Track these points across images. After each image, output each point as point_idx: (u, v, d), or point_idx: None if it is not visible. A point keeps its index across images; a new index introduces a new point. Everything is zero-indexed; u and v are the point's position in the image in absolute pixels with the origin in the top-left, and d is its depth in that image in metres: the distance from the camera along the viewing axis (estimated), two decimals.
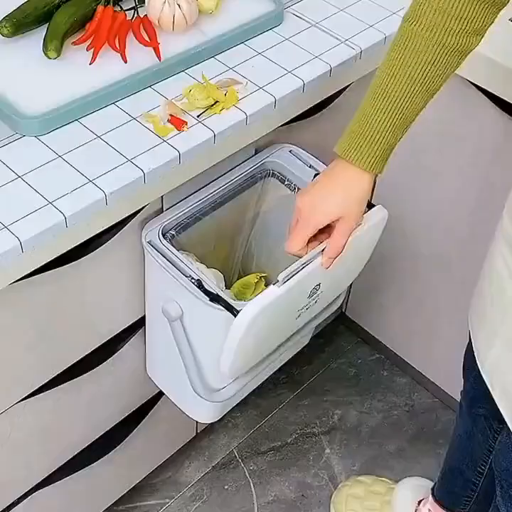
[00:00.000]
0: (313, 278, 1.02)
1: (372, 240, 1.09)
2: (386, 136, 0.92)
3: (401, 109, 0.91)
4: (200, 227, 1.10)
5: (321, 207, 0.94)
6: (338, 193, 0.94)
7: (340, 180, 0.94)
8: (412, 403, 1.81)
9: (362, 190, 0.95)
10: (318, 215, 0.94)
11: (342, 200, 0.94)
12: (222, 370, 1.01)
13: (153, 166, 0.98)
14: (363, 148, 0.92)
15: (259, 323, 0.97)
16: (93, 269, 1.06)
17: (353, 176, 0.94)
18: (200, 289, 0.99)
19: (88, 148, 0.99)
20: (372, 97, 0.92)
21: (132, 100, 1.06)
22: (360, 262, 1.13)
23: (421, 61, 0.88)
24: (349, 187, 0.94)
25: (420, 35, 0.87)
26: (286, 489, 1.66)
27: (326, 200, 0.94)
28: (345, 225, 0.95)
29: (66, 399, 1.18)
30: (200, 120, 1.04)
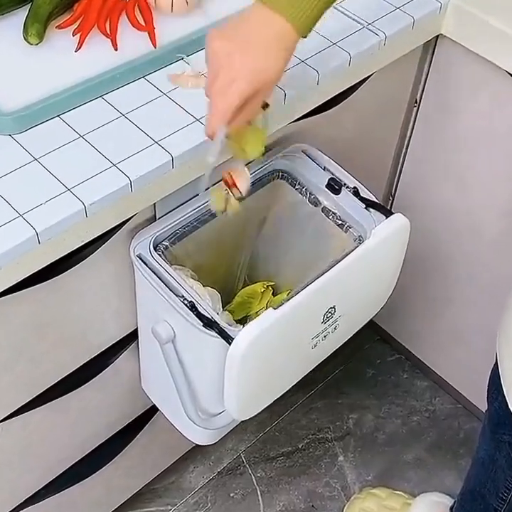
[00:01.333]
0: (322, 299, 0.90)
1: (394, 253, 0.97)
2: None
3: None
4: (198, 236, 0.98)
5: (248, 55, 0.75)
6: (252, 39, 0.76)
7: (267, 29, 0.76)
8: (432, 408, 1.70)
9: (282, 43, 0.77)
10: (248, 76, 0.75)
11: (257, 48, 0.75)
12: (228, 408, 0.90)
13: (141, 173, 0.86)
14: (298, 3, 0.75)
15: (258, 352, 0.86)
16: (76, 284, 0.95)
17: (281, 29, 0.76)
18: (193, 312, 0.88)
19: (69, 149, 0.87)
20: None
21: (122, 93, 0.94)
22: (385, 279, 1.01)
23: None
24: (277, 40, 0.76)
25: None
26: (296, 499, 1.57)
27: (249, 49, 0.75)
28: (241, 82, 0.75)
29: (52, 416, 1.08)
30: (198, 118, 0.92)
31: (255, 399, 0.94)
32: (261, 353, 0.86)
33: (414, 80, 1.24)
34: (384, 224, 0.93)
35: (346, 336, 1.02)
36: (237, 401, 0.90)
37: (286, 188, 1.04)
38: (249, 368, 0.86)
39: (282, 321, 0.86)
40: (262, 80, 0.76)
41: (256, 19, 0.77)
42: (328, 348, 1.00)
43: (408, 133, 1.32)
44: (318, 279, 0.87)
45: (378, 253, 0.93)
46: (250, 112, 0.79)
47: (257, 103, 0.79)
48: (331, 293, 0.90)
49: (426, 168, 1.34)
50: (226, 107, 0.76)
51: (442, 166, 1.32)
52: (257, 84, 0.76)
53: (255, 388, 0.91)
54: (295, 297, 0.86)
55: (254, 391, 0.91)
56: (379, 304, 1.05)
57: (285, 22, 0.76)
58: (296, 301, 0.86)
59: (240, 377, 0.86)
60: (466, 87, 1.19)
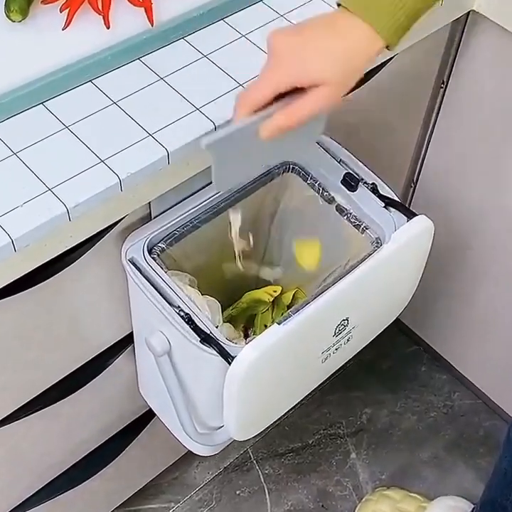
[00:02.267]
0: (334, 312, 0.81)
1: (415, 258, 0.88)
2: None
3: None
4: (199, 236, 0.89)
5: (311, 57, 0.67)
6: (338, 47, 0.68)
7: (343, 33, 0.68)
8: (451, 404, 1.62)
9: (364, 59, 0.69)
10: (301, 66, 0.67)
11: (340, 57, 0.67)
12: (228, 428, 0.82)
13: (133, 170, 0.76)
14: (382, 3, 0.67)
15: (261, 372, 0.77)
16: (64, 290, 0.86)
17: (359, 35, 0.68)
18: (190, 325, 0.79)
19: (52, 142, 0.78)
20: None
21: (114, 77, 0.84)
22: (404, 286, 0.91)
23: None
24: (353, 47, 0.68)
25: None
26: (305, 498, 1.50)
27: (319, 51, 0.67)
28: (328, 95, 0.68)
29: (43, 424, 1.01)
30: (198, 107, 0.82)
31: (257, 419, 0.86)
32: (264, 373, 0.78)
33: (441, 61, 1.13)
34: (405, 227, 0.84)
35: (360, 346, 0.93)
36: (237, 422, 0.81)
37: (298, 182, 0.94)
38: (251, 389, 0.78)
39: (288, 338, 0.77)
40: (309, 80, 0.67)
41: (335, 25, 0.69)
42: (340, 360, 0.91)
43: (432, 119, 1.21)
44: (329, 290, 0.78)
45: (398, 259, 0.84)
46: (295, 111, 0.68)
47: (304, 104, 0.68)
48: (344, 304, 0.81)
49: (452, 159, 1.25)
50: (254, 92, 0.69)
51: (471, 156, 1.21)
52: (299, 81, 0.67)
53: (257, 409, 0.83)
54: (303, 311, 0.77)
55: (256, 412, 0.83)
56: (396, 311, 0.95)
57: (373, 31, 0.68)
58: (304, 315, 0.77)
59: (240, 398, 0.78)
60: (499, 68, 1.08)
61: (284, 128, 0.68)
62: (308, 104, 0.68)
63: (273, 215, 1.00)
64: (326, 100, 0.68)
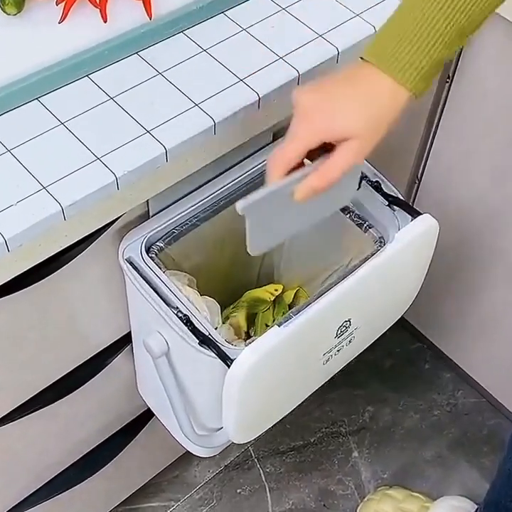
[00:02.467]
0: (336, 313, 0.79)
1: (420, 258, 0.86)
2: (438, 42, 0.66)
3: (467, 3, 0.65)
4: (198, 235, 0.87)
5: (337, 113, 0.67)
6: (361, 101, 0.68)
7: (367, 87, 0.68)
8: (455, 402, 1.60)
9: (393, 110, 0.68)
10: (329, 122, 0.67)
11: (365, 112, 0.67)
12: (227, 430, 0.80)
13: (130, 168, 0.74)
14: (404, 55, 0.66)
15: (260, 375, 0.75)
16: (59, 290, 0.84)
17: (384, 88, 0.68)
18: (189, 327, 0.77)
19: (47, 139, 0.76)
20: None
21: (112, 72, 0.82)
22: (408, 286, 0.89)
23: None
24: (378, 99, 0.68)
25: None
26: (306, 497, 1.48)
27: (344, 105, 0.67)
28: (357, 149, 0.67)
29: (40, 424, 0.99)
30: (197, 103, 0.80)
31: (257, 422, 0.84)
32: (264, 376, 0.76)
33: None
34: (410, 226, 0.82)
35: (362, 347, 0.91)
36: (236, 425, 0.80)
37: None
38: (251, 392, 0.76)
39: (289, 340, 0.75)
40: (338, 135, 0.67)
41: (359, 79, 0.69)
42: (342, 362, 0.89)
43: (437, 115, 1.19)
44: (331, 291, 0.76)
45: (402, 259, 0.82)
46: (328, 171, 0.68)
47: (336, 162, 0.68)
48: (346, 305, 0.79)
49: (456, 155, 1.22)
50: (286, 150, 0.68)
51: (476, 153, 1.19)
52: (328, 137, 0.67)
53: (257, 412, 0.81)
54: (304, 312, 0.75)
55: (255, 414, 0.81)
56: (400, 311, 0.93)
57: (395, 83, 0.67)
58: (305, 317, 0.75)
59: (239, 402, 0.76)
60: (504, 65, 1.06)
61: (319, 189, 0.68)
62: (339, 161, 0.67)
63: None
64: (356, 154, 0.68)
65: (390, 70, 0.67)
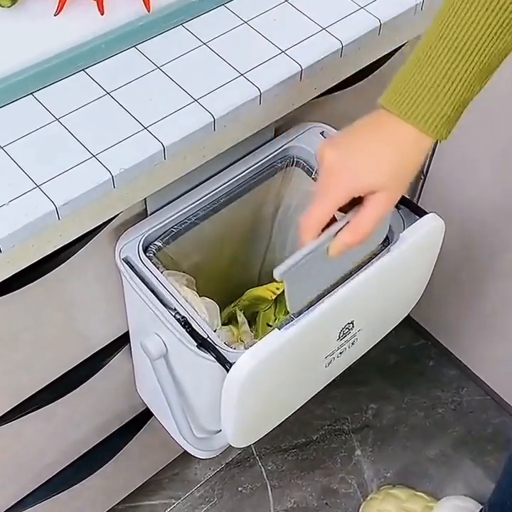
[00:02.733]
0: (338, 316, 0.77)
1: (425, 258, 0.83)
2: (459, 86, 0.65)
3: (485, 43, 0.63)
4: (198, 233, 0.85)
5: (361, 167, 0.67)
6: (384, 152, 0.67)
7: (389, 136, 0.67)
8: (459, 400, 1.58)
9: (417, 157, 0.68)
10: (355, 177, 0.67)
11: (390, 163, 0.66)
12: (226, 434, 0.78)
13: (126, 166, 0.72)
14: (424, 102, 0.65)
15: (260, 380, 0.73)
16: (54, 290, 0.82)
17: (406, 136, 0.66)
18: (187, 329, 0.75)
19: (40, 135, 0.74)
20: (440, 25, 0.65)
21: (108, 66, 0.80)
22: (413, 287, 0.87)
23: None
24: (401, 148, 0.67)
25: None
26: (308, 495, 1.46)
27: (367, 159, 0.67)
28: (386, 200, 0.67)
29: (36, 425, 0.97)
30: (196, 99, 0.77)
31: (257, 426, 0.82)
32: (263, 381, 0.74)
33: None
34: (415, 226, 0.79)
35: (365, 349, 0.89)
36: (235, 429, 0.78)
37: (301, 176, 0.90)
38: (250, 396, 0.74)
39: (290, 344, 0.73)
40: (366, 189, 0.67)
41: (379, 128, 0.68)
42: (345, 364, 0.87)
43: None
44: (334, 293, 0.73)
45: (407, 260, 0.79)
46: (359, 226, 0.68)
47: (366, 215, 0.67)
48: (349, 307, 0.77)
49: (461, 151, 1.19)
50: (317, 213, 0.68)
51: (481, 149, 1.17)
52: (356, 192, 0.67)
53: (257, 416, 0.79)
54: (306, 315, 0.73)
55: (255, 419, 0.79)
56: (404, 312, 0.91)
57: (418, 131, 0.66)
58: (306, 320, 0.73)
59: (238, 407, 0.74)
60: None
61: (353, 244, 0.68)
62: (370, 214, 0.67)
63: (276, 210, 0.95)
64: (385, 205, 0.67)
65: (411, 119, 0.65)
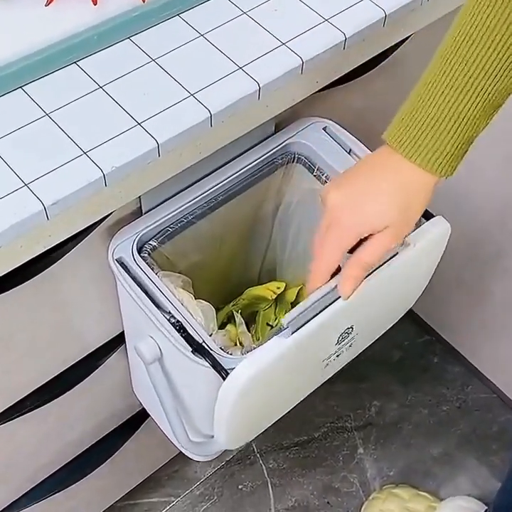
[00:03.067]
0: (338, 323, 0.74)
1: (429, 261, 0.80)
2: (462, 124, 0.63)
3: (488, 81, 0.61)
4: (195, 232, 0.82)
5: (365, 211, 0.66)
6: (388, 192, 0.66)
7: (392, 176, 0.66)
8: (464, 398, 1.55)
9: (422, 195, 0.67)
10: (360, 219, 0.66)
11: (394, 203, 0.66)
12: (218, 439, 0.76)
13: (118, 164, 0.69)
14: (427, 141, 0.64)
15: (258, 388, 0.70)
16: (46, 291, 0.80)
17: (410, 175, 0.66)
18: (182, 333, 0.72)
19: (29, 131, 0.70)
20: (442, 61, 0.64)
21: (101, 59, 0.76)
22: (413, 289, 0.84)
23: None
24: (406, 188, 0.66)
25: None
26: (309, 494, 1.44)
27: (371, 200, 0.66)
28: (391, 237, 0.66)
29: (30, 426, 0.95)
30: (192, 93, 0.74)
31: (250, 430, 0.79)
32: (260, 389, 0.71)
33: None
34: (421, 229, 0.76)
35: (361, 349, 0.86)
36: (228, 434, 0.75)
37: (303, 173, 0.87)
38: (245, 405, 0.71)
39: (288, 352, 0.70)
40: (371, 229, 0.66)
41: (383, 167, 0.67)
42: (341, 364, 0.84)
43: None
44: (335, 303, 0.70)
45: (411, 264, 0.76)
46: (366, 260, 0.67)
47: (373, 250, 0.67)
48: (350, 314, 0.74)
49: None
50: (323, 261, 0.68)
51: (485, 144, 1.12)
52: (362, 233, 0.67)
53: (251, 421, 0.77)
54: (306, 325, 0.70)
55: (249, 424, 0.77)
56: (401, 312, 0.89)
57: (421, 170, 0.65)
58: (306, 329, 0.70)
59: (233, 415, 0.71)
60: None
61: (358, 277, 0.68)
62: (374, 249, 0.67)
63: (276, 208, 0.92)
64: (390, 241, 0.67)
65: (414, 158, 0.64)
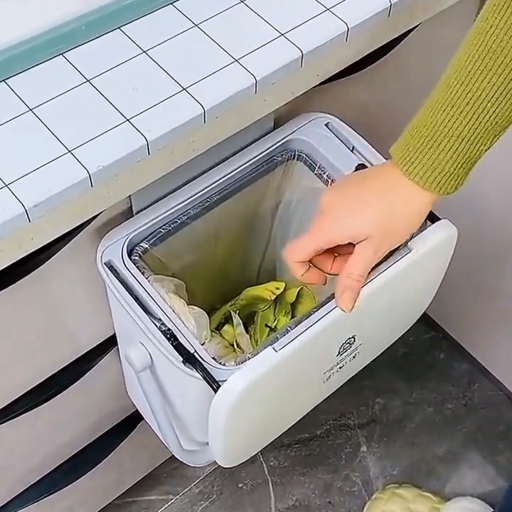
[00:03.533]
0: (338, 332, 0.70)
1: (436, 267, 0.76)
2: (462, 144, 0.62)
3: (489, 105, 0.60)
4: (189, 233, 0.78)
5: (345, 218, 0.66)
6: (376, 202, 0.66)
7: (386, 188, 0.66)
8: (470, 395, 1.52)
9: (415, 211, 0.66)
10: (337, 226, 0.67)
11: (379, 212, 0.65)
12: (215, 457, 0.72)
13: (105, 163, 0.65)
14: (426, 159, 0.63)
15: (253, 401, 0.67)
16: (32, 293, 0.76)
17: (406, 192, 0.65)
18: (172, 342, 0.68)
19: (13, 128, 0.67)
20: (447, 80, 0.64)
21: (89, 50, 0.72)
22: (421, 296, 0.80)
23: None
24: (396, 201, 0.66)
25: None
26: (311, 493, 1.41)
27: (355, 209, 0.66)
28: (371, 250, 0.66)
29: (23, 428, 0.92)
30: (185, 87, 0.70)
31: (248, 447, 0.76)
32: (255, 403, 0.67)
33: None
34: (426, 233, 0.72)
35: (368, 360, 0.83)
36: (224, 452, 0.72)
37: (304, 171, 0.82)
38: (240, 420, 0.68)
39: (285, 364, 0.66)
40: (351, 234, 0.66)
41: (381, 180, 0.67)
42: (345, 377, 0.81)
43: None
44: (335, 309, 0.67)
45: (416, 270, 0.72)
46: (354, 267, 0.67)
47: (356, 256, 0.67)
48: (351, 323, 0.70)
49: None
50: (299, 245, 0.68)
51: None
52: (341, 236, 0.67)
53: (248, 437, 0.73)
54: (303, 333, 0.66)
55: (246, 441, 0.73)
56: (410, 321, 0.85)
57: (417, 187, 0.65)
58: (304, 338, 0.66)
59: (227, 430, 0.68)
60: None
61: (354, 287, 0.67)
62: (357, 261, 0.66)
63: (276, 207, 0.88)
64: (370, 255, 0.66)
65: (413, 175, 0.64)
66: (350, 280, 0.66)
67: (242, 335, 0.91)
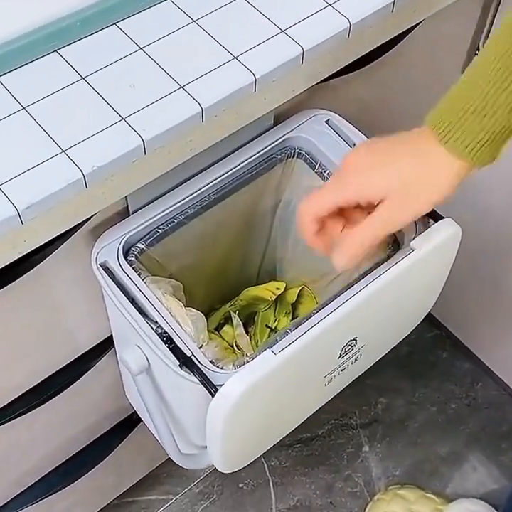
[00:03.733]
0: (340, 333, 0.69)
1: (439, 267, 0.75)
2: (498, 113, 0.60)
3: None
4: (187, 233, 0.76)
5: (371, 173, 0.64)
6: (406, 164, 0.63)
7: (419, 153, 0.63)
8: (474, 395, 1.51)
9: (441, 181, 0.63)
10: (360, 179, 0.64)
11: (401, 178, 0.63)
12: (214, 462, 0.71)
13: (100, 163, 0.63)
14: (464, 127, 0.61)
15: (251, 405, 0.65)
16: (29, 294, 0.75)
17: (437, 157, 0.62)
18: (169, 345, 0.67)
19: (6, 127, 0.65)
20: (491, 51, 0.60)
21: (84, 46, 0.71)
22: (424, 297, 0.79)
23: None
24: (420, 170, 0.63)
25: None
26: (312, 493, 1.40)
27: (381, 168, 0.64)
28: (382, 214, 0.63)
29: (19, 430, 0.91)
30: (182, 85, 0.68)
31: (247, 452, 0.74)
32: (253, 407, 0.66)
33: (475, 28, 0.98)
34: (428, 232, 0.70)
35: (370, 364, 0.81)
36: (223, 458, 0.70)
37: (304, 169, 0.81)
38: (238, 425, 0.66)
39: (284, 367, 0.65)
40: (369, 193, 0.64)
41: (414, 141, 0.64)
42: (348, 380, 0.79)
43: None
44: (336, 311, 0.65)
45: (419, 269, 0.71)
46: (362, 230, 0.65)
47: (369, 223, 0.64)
48: (352, 324, 0.69)
49: None
50: (315, 201, 0.66)
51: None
52: (358, 194, 0.64)
53: (246, 443, 0.72)
54: (302, 337, 0.64)
55: (245, 446, 0.72)
56: (414, 322, 0.83)
57: (450, 155, 0.62)
58: (303, 340, 0.65)
59: (225, 435, 0.66)
60: None
61: (354, 251, 0.65)
62: (368, 223, 0.64)
63: (275, 205, 0.87)
64: (383, 219, 0.64)
65: (450, 141, 0.62)
66: (352, 243, 0.64)
67: (242, 336, 0.90)
